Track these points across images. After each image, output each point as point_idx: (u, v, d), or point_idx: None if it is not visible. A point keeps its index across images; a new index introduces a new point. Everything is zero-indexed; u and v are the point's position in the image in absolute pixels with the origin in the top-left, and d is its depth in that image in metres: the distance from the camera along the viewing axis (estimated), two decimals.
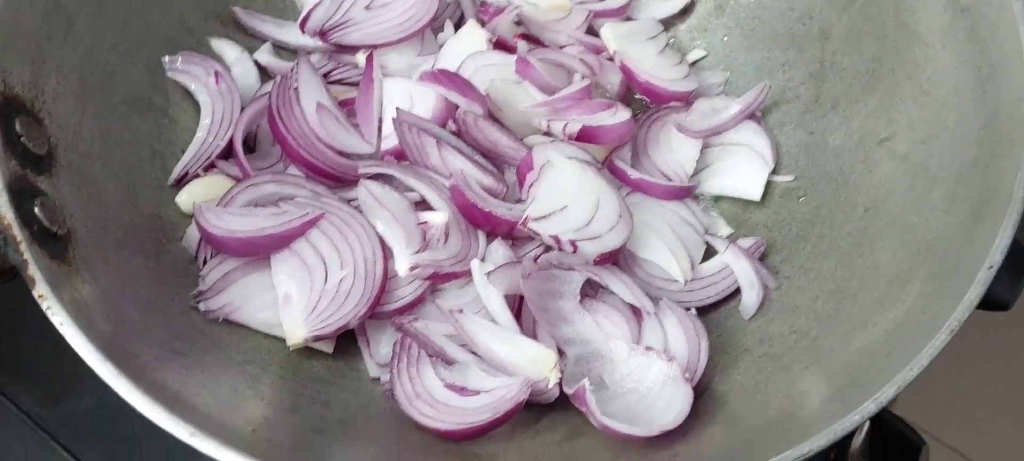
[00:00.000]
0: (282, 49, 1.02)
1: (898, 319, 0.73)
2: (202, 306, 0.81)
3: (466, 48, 0.98)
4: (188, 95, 0.95)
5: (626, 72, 0.98)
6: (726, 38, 1.05)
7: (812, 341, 0.79)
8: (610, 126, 0.91)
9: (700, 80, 1.02)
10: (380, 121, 0.94)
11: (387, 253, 0.83)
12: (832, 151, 0.93)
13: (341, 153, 0.91)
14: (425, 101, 0.94)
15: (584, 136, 0.90)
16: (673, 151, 0.97)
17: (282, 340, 0.81)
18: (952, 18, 0.84)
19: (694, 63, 1.05)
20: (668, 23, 1.07)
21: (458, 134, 0.93)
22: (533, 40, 1.01)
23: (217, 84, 0.93)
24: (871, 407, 0.65)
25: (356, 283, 0.81)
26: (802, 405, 0.72)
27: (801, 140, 0.96)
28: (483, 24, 1.01)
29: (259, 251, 0.83)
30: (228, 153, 0.92)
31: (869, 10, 0.94)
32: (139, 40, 0.92)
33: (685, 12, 1.08)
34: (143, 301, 0.76)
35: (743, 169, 0.96)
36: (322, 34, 0.99)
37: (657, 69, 0.99)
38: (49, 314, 0.64)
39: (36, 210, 0.70)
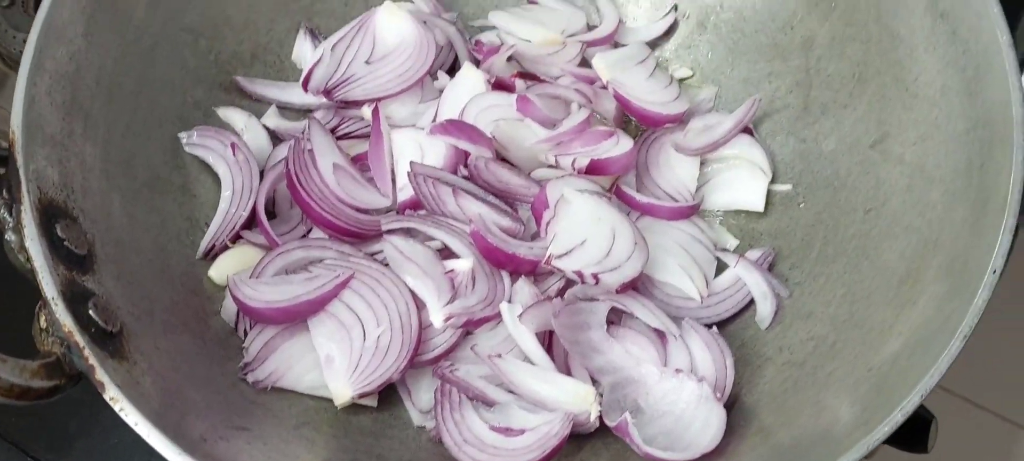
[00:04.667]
0: (287, 109, 1.05)
1: (915, 322, 0.77)
2: (250, 377, 0.84)
3: (466, 91, 1.01)
4: (205, 168, 0.97)
5: (620, 100, 1.02)
6: (710, 54, 1.09)
7: (831, 346, 0.84)
8: (616, 157, 0.95)
9: (690, 98, 1.06)
10: (393, 173, 0.97)
11: (419, 305, 0.87)
12: (826, 156, 0.97)
13: (360, 210, 0.94)
14: (435, 150, 0.97)
15: (593, 169, 0.94)
16: (674, 170, 1.01)
17: (329, 400, 0.85)
18: (932, 22, 0.88)
19: (682, 81, 1.09)
20: (654, 44, 1.11)
21: (470, 178, 0.96)
22: (528, 76, 1.04)
23: (234, 155, 0.96)
24: (898, 416, 0.69)
25: (394, 338, 0.85)
26: (834, 417, 0.76)
27: (795, 148, 1.01)
28: (478, 63, 1.05)
29: (297, 317, 0.86)
30: (251, 222, 0.95)
31: (851, 16, 0.98)
32: (150, 121, 0.95)
33: (669, 32, 1.11)
34: (199, 380, 0.79)
35: (743, 181, 1.00)
36: (326, 92, 1.02)
37: (649, 93, 1.03)
38: (123, 415, 0.67)
39: (90, 312, 0.72)
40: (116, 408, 0.67)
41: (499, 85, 1.02)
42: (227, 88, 1.03)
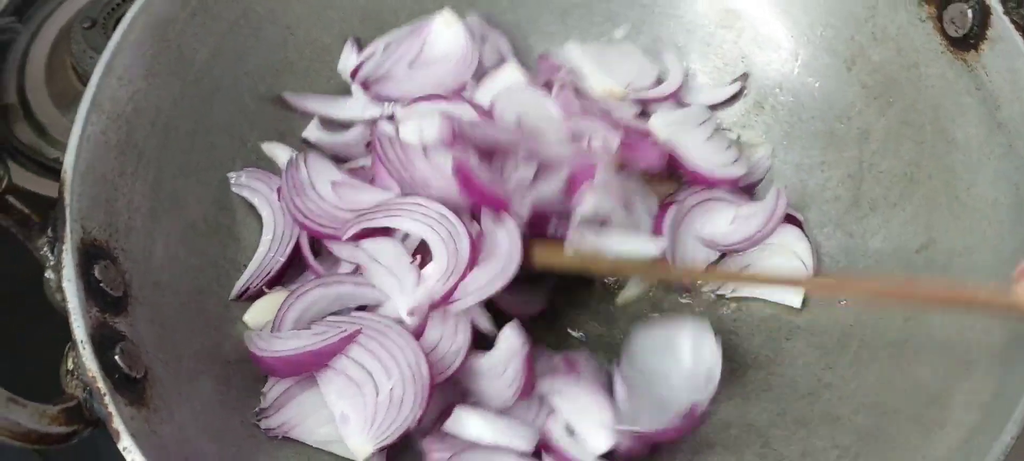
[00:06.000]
0: (330, 123, 1.06)
1: (939, 449, 0.74)
2: (263, 424, 0.85)
3: (502, 82, 1.02)
4: (252, 211, 0.98)
5: (675, 159, 1.00)
6: (765, 135, 1.08)
7: (853, 459, 0.82)
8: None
9: (748, 160, 1.04)
10: None
11: (426, 350, 0.85)
12: (871, 255, 0.95)
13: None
14: (432, 128, 0.95)
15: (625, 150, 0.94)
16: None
17: (340, 457, 0.85)
18: (989, 131, 0.86)
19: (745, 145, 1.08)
20: (714, 110, 1.09)
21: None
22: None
23: (280, 199, 0.97)
24: None
25: (407, 389, 0.84)
26: None
27: (841, 242, 0.98)
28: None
29: (303, 369, 0.85)
30: (286, 269, 0.95)
31: (908, 114, 0.96)
32: (203, 162, 0.96)
33: (731, 101, 1.10)
34: (216, 431, 0.80)
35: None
36: (364, 84, 1.04)
37: (705, 154, 1.01)
38: None
39: (116, 357, 0.74)
40: (128, 459, 0.69)
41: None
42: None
